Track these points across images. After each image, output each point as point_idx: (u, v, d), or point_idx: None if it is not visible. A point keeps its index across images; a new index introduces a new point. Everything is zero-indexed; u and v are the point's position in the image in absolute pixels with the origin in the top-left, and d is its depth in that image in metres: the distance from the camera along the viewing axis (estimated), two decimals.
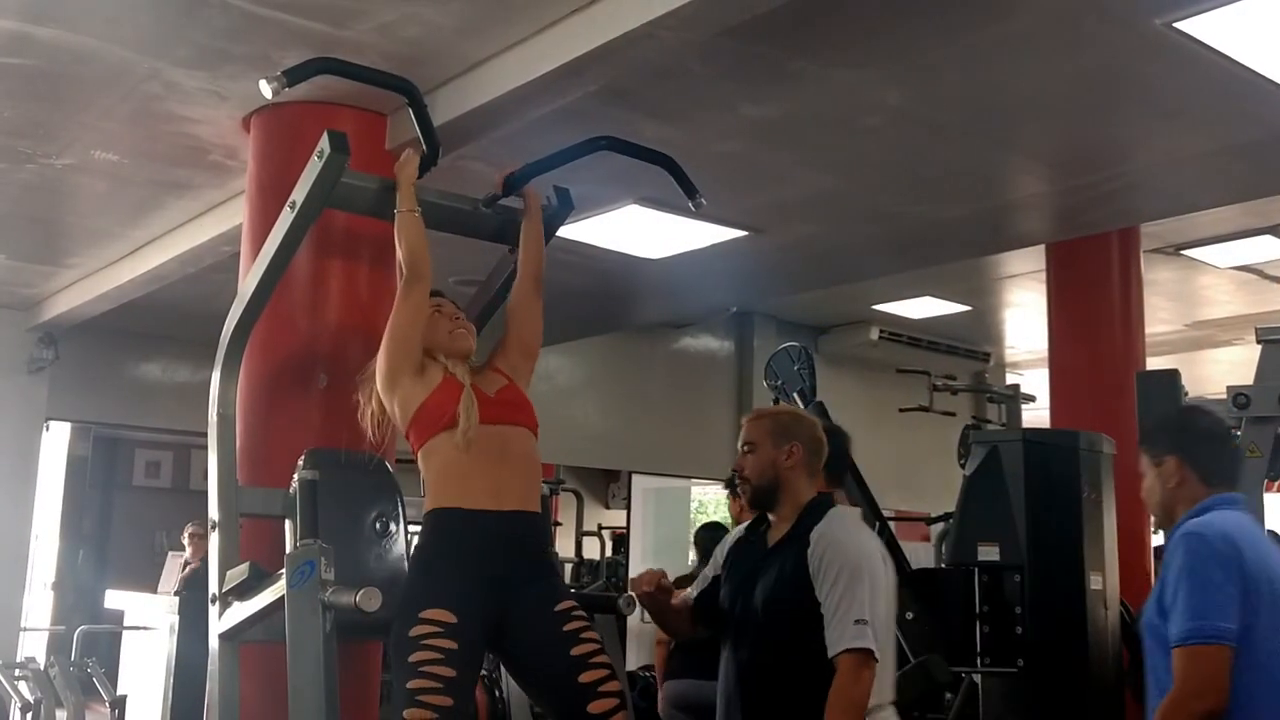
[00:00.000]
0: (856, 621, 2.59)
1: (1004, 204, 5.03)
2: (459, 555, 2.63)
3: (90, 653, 6.43)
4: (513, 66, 3.44)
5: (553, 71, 3.31)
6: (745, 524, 3.00)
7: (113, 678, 6.39)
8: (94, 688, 5.88)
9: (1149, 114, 3.99)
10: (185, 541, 7.52)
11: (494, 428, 2.73)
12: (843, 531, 2.74)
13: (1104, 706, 3.77)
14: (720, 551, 2.99)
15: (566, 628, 2.66)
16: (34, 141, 4.43)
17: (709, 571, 2.98)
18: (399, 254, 2.88)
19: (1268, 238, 6.67)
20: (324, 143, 2.81)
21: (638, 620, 4.05)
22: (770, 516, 2.87)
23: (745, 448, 2.86)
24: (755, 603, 2.74)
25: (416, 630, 2.51)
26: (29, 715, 5.68)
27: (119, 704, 5.77)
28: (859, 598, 2.62)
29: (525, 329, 3.03)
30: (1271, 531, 6.83)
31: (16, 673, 5.83)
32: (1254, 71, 3.54)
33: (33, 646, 7.84)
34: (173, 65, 3.69)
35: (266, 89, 2.83)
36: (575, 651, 2.63)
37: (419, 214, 2.90)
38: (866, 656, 2.58)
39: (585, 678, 2.61)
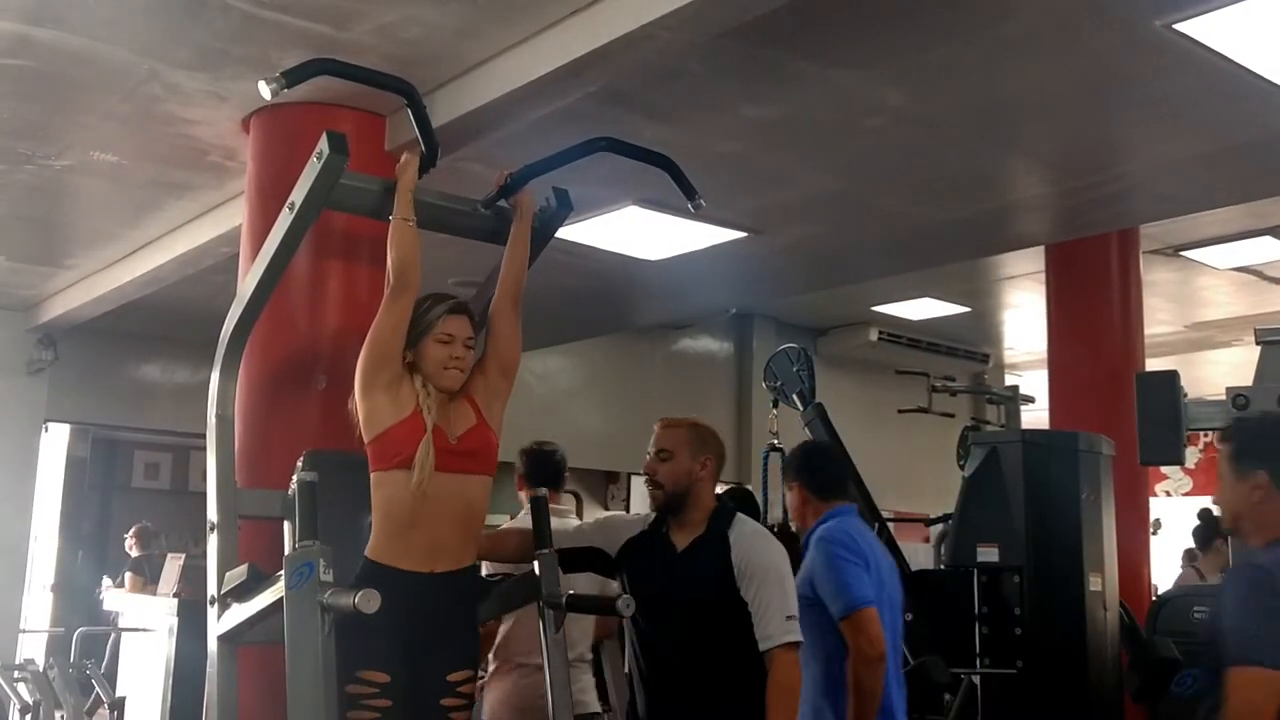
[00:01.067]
0: (788, 618, 2.86)
1: (1004, 205, 5.03)
2: (391, 617, 2.58)
3: (90, 654, 6.42)
4: (512, 67, 3.44)
5: (552, 73, 3.31)
6: (637, 519, 3.16)
7: (111, 679, 6.38)
8: (93, 689, 5.86)
9: (1149, 115, 3.98)
10: (130, 537, 7.59)
11: (448, 476, 2.74)
12: (758, 537, 3.00)
13: (1103, 707, 3.77)
14: (606, 537, 3.14)
15: (443, 701, 2.77)
16: (33, 143, 4.43)
17: (590, 540, 3.16)
18: (389, 260, 2.83)
19: (1267, 239, 6.67)
20: (323, 144, 2.80)
21: None
22: (670, 519, 3.04)
23: (661, 454, 3.03)
24: (677, 601, 2.92)
25: (354, 689, 2.62)
26: (28, 717, 5.67)
27: (118, 705, 5.76)
28: (787, 595, 2.89)
29: (503, 345, 2.97)
30: None
31: (16, 674, 5.83)
32: (1254, 73, 3.54)
33: (32, 648, 7.83)
34: (172, 66, 3.69)
35: (266, 90, 2.82)
36: None
37: (414, 224, 2.87)
38: (797, 648, 2.87)
39: None
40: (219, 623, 2.84)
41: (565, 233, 3.69)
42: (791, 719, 2.89)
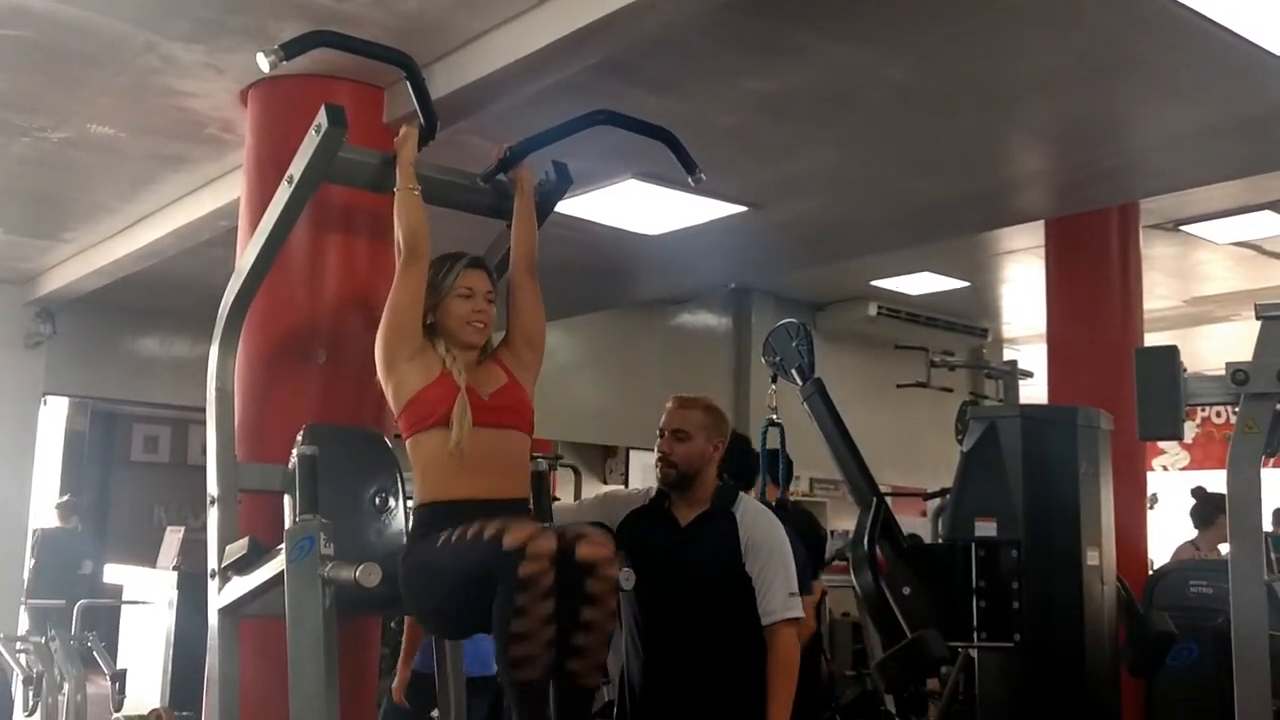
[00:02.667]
0: (790, 594, 2.96)
1: (1004, 180, 5.02)
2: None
3: (90, 627, 6.44)
4: (511, 40, 3.42)
5: (552, 45, 3.29)
6: (637, 494, 3.21)
7: (112, 651, 6.41)
8: (95, 661, 5.89)
9: (1150, 89, 3.97)
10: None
11: (485, 430, 2.68)
12: (763, 515, 3.09)
13: (1100, 680, 3.79)
14: (604, 512, 3.17)
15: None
16: (29, 115, 4.41)
17: (591, 516, 3.16)
18: (397, 232, 2.82)
19: (1267, 213, 6.66)
20: (321, 116, 2.79)
21: None
22: (674, 495, 3.10)
23: (678, 434, 3.06)
24: (681, 576, 2.99)
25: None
26: (30, 688, 5.70)
27: (119, 677, 5.79)
28: (789, 572, 2.99)
29: (525, 318, 2.93)
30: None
31: (18, 646, 5.85)
32: (1256, 45, 3.52)
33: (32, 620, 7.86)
34: (169, 38, 3.66)
35: (263, 62, 2.80)
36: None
37: (419, 192, 2.86)
38: (798, 624, 3.01)
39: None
40: (219, 596, 2.86)
41: (564, 207, 3.68)
42: (791, 691, 2.95)
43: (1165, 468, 12.42)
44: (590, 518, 3.17)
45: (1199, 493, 6.46)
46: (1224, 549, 4.05)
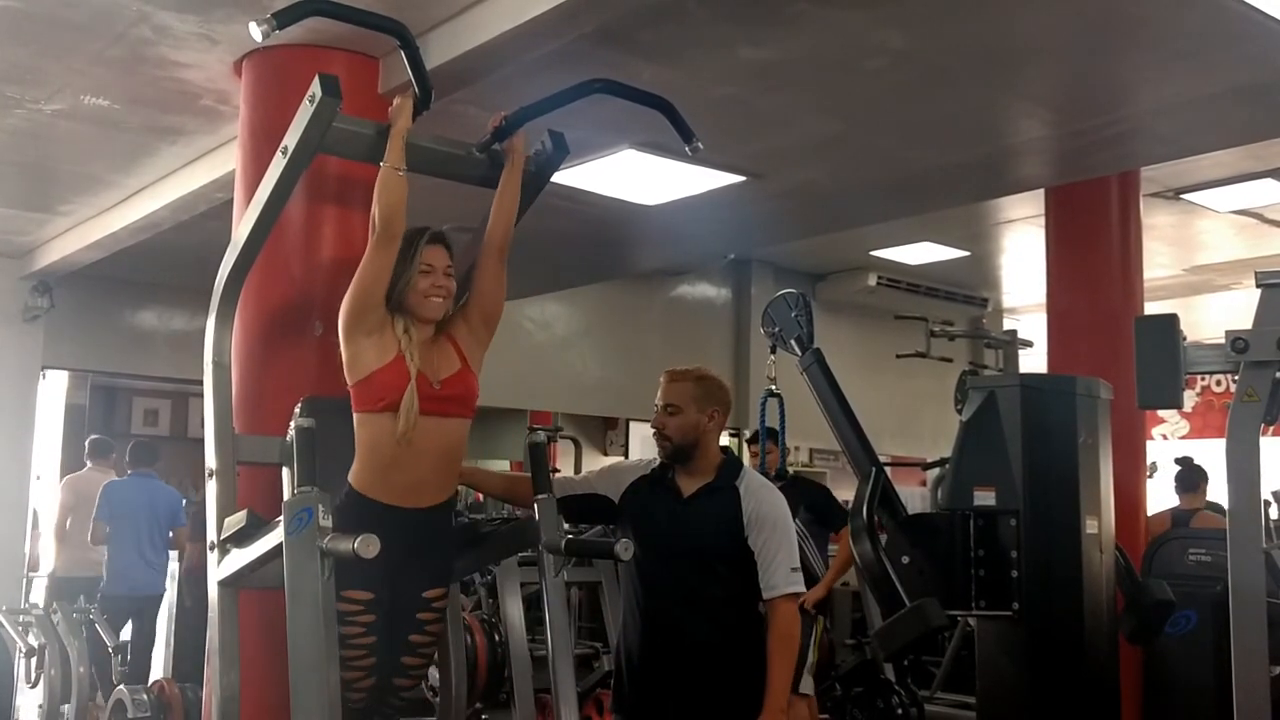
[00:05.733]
0: (792, 569, 2.95)
1: (1005, 148, 4.99)
2: None
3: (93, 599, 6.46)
4: (507, 8, 3.39)
5: (547, 12, 3.26)
6: (641, 464, 3.19)
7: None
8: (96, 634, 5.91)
9: (1151, 57, 3.94)
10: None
11: (430, 419, 2.81)
12: (766, 489, 3.07)
13: (1098, 649, 3.80)
14: (609, 484, 3.17)
15: (419, 615, 2.94)
16: (22, 86, 4.38)
17: (594, 488, 3.18)
18: (374, 210, 2.81)
19: (1268, 181, 6.64)
20: (315, 87, 2.77)
21: None
22: (677, 467, 3.08)
23: (669, 409, 3.05)
24: (683, 546, 3.00)
25: (341, 607, 2.69)
26: (34, 660, 5.73)
27: (121, 650, 5.81)
28: (791, 546, 2.99)
29: (486, 294, 3.00)
30: None
31: (21, 618, 5.88)
32: (1258, 10, 3.49)
33: (36, 593, 7.90)
34: (162, 8, 3.63)
35: (256, 32, 2.78)
36: (413, 638, 2.94)
37: (403, 173, 2.84)
38: (798, 598, 3.01)
39: (406, 660, 2.96)
40: (219, 568, 2.86)
41: (561, 177, 3.66)
42: (791, 665, 2.97)
43: (1165, 436, 12.44)
44: (594, 490, 3.18)
45: (1185, 460, 6.52)
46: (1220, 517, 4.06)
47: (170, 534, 7.05)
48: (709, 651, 2.95)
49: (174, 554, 7.27)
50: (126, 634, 6.65)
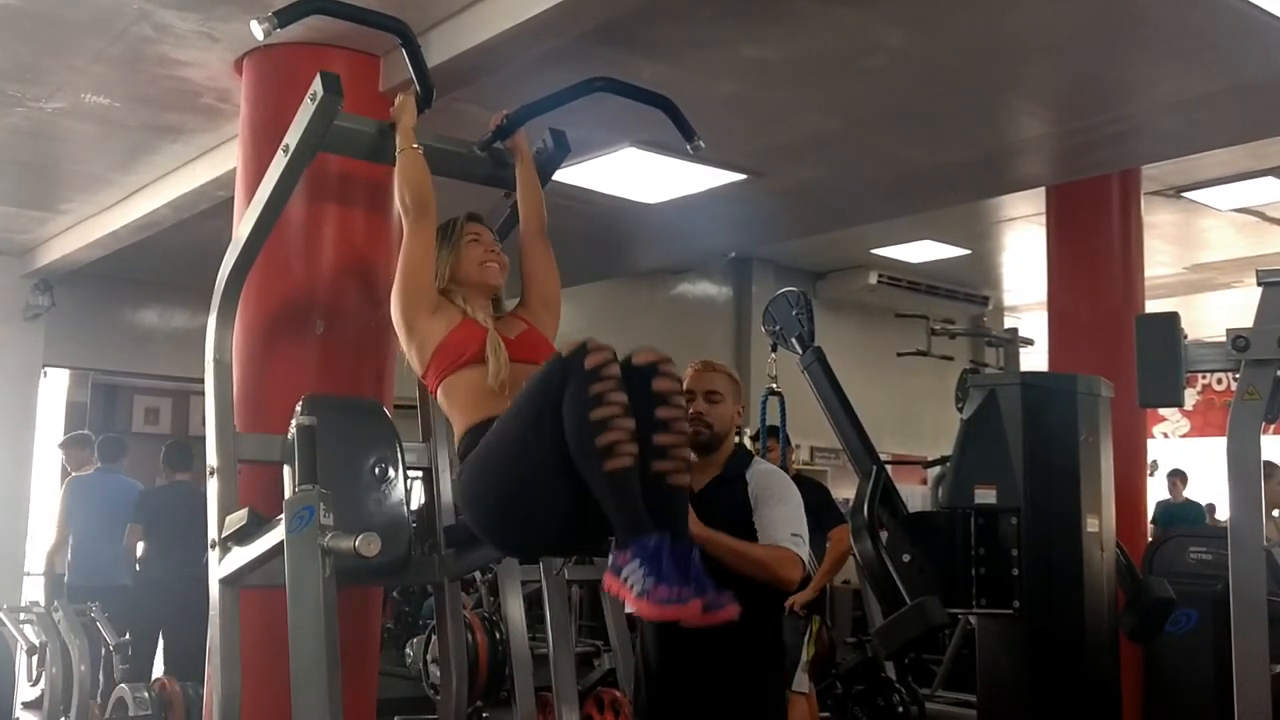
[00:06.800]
0: (793, 534, 2.88)
1: (1005, 146, 4.99)
2: None
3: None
4: (508, 6, 3.39)
5: (548, 11, 3.26)
6: None
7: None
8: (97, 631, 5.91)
9: (1153, 55, 3.94)
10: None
11: (520, 365, 2.68)
12: (772, 473, 3.07)
13: (1099, 647, 3.80)
14: None
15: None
16: (23, 85, 4.38)
17: None
18: (403, 194, 2.81)
19: (1269, 179, 6.63)
20: (317, 85, 2.76)
21: None
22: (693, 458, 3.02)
23: (713, 396, 3.03)
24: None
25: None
26: (34, 658, 5.73)
27: (122, 648, 5.81)
28: (795, 517, 2.93)
29: (540, 281, 2.98)
30: None
31: (21, 616, 5.88)
32: (1260, 9, 3.49)
33: (36, 591, 7.89)
34: (163, 7, 3.63)
35: (257, 30, 2.78)
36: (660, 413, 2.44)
37: (420, 150, 2.85)
38: (797, 557, 2.86)
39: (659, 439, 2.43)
40: (220, 566, 2.86)
41: (563, 175, 3.66)
42: (743, 552, 2.82)
43: (1166, 435, 12.44)
44: None
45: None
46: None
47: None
48: (722, 646, 2.88)
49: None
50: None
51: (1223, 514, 9.35)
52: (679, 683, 2.96)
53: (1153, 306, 6.23)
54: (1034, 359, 8.99)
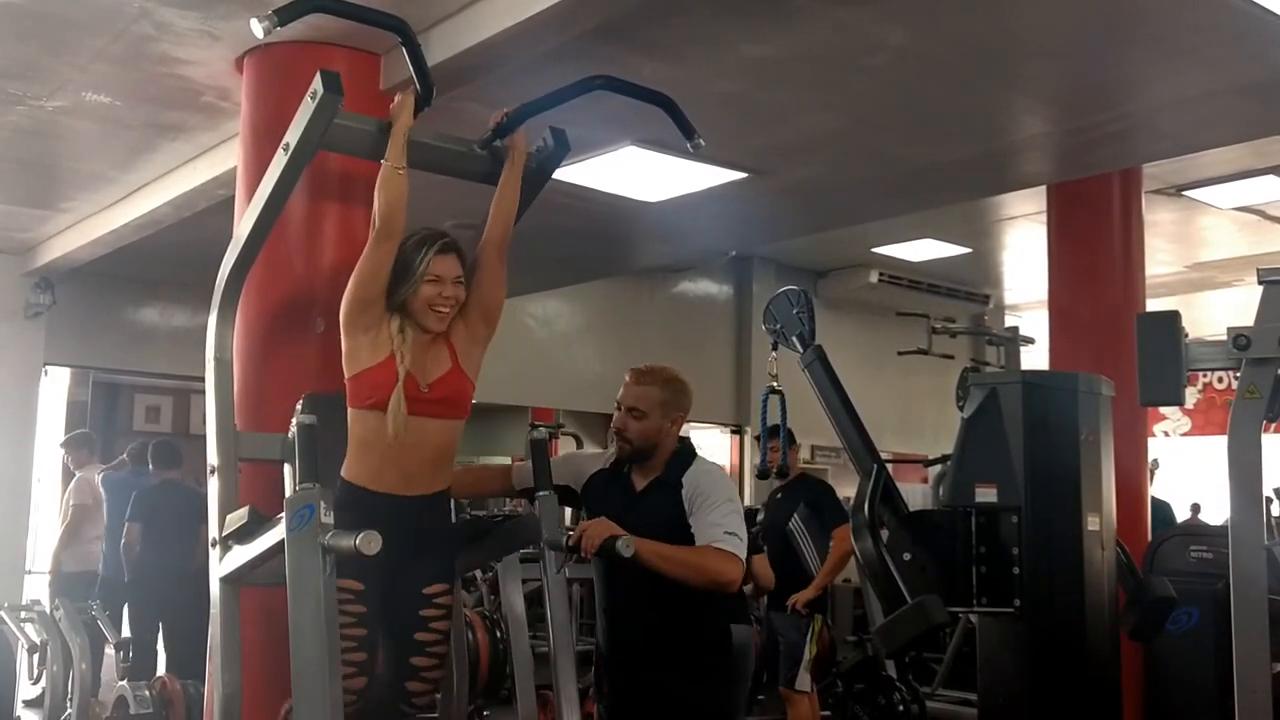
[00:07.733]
0: (727, 533, 2.93)
1: (1007, 145, 4.98)
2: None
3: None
4: (508, 4, 3.39)
5: (548, 9, 3.26)
6: (600, 455, 3.28)
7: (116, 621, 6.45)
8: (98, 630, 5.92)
9: (1154, 53, 3.93)
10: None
11: (419, 420, 2.79)
12: (708, 474, 3.11)
13: (1099, 646, 3.80)
14: (570, 473, 3.25)
15: (422, 612, 2.89)
16: (23, 83, 4.38)
17: (557, 478, 3.15)
18: (376, 207, 2.80)
19: (1270, 178, 6.63)
20: (317, 83, 2.76)
21: None
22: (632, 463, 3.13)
23: (633, 412, 3.09)
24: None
25: None
26: (35, 657, 5.73)
27: (123, 646, 5.82)
28: (730, 515, 2.97)
29: (486, 292, 2.95)
30: None
31: (22, 615, 5.88)
32: (1261, 7, 3.49)
33: (37, 589, 7.90)
34: (163, 5, 3.63)
35: (257, 29, 2.78)
36: (418, 636, 2.89)
37: (404, 172, 2.83)
38: (730, 554, 2.92)
39: (415, 660, 2.90)
40: (221, 565, 2.86)
41: (563, 174, 3.66)
42: (671, 557, 2.90)
43: (1167, 433, 12.43)
44: (559, 480, 3.18)
45: None
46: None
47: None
48: (664, 642, 3.01)
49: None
50: (128, 632, 6.65)
51: (1208, 513, 9.36)
52: (625, 674, 3.10)
53: (1153, 305, 6.24)
54: (1035, 357, 8.99)
